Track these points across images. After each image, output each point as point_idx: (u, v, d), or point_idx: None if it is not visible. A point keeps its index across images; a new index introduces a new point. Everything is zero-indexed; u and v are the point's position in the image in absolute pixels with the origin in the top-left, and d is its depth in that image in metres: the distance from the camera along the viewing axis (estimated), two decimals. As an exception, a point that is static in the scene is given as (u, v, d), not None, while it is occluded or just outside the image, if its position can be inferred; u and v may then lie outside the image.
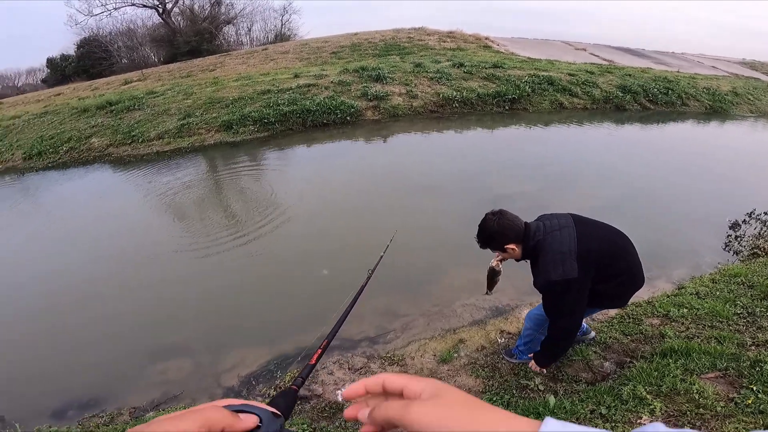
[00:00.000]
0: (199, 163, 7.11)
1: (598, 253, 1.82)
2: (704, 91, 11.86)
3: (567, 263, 1.74)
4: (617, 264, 1.89)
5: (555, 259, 1.77)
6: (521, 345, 2.58)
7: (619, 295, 2.01)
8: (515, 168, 6.35)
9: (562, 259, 1.75)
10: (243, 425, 0.40)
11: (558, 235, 1.81)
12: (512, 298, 3.41)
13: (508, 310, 3.29)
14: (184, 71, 14.45)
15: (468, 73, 10.49)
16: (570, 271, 1.73)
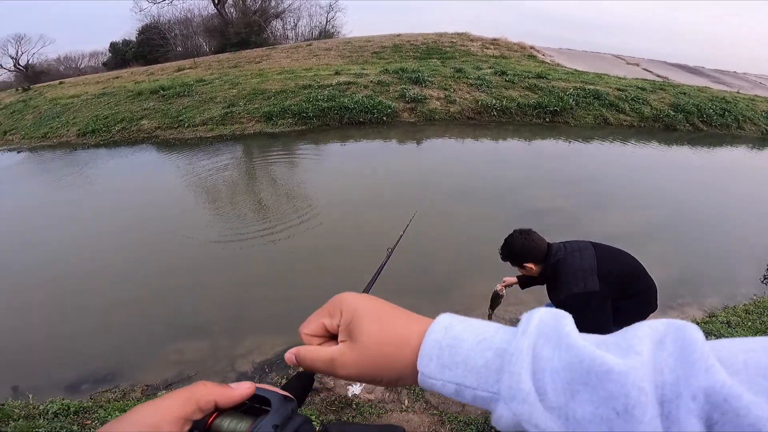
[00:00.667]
0: (239, 150, 7.45)
1: (619, 272, 1.88)
2: (763, 114, 11.01)
3: (588, 279, 1.79)
4: (638, 283, 1.95)
5: (576, 275, 1.81)
6: None
7: (639, 315, 2.01)
8: (550, 182, 6.19)
9: (584, 275, 1.81)
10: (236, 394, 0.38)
11: (578, 255, 1.88)
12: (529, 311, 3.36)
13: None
14: (232, 62, 15.07)
15: (510, 82, 10.28)
16: (592, 285, 1.78)
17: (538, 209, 5.19)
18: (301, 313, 1.61)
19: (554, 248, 1.92)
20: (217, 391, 0.36)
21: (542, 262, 1.91)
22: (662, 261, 4.24)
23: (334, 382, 2.55)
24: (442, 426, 2.33)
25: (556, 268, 1.87)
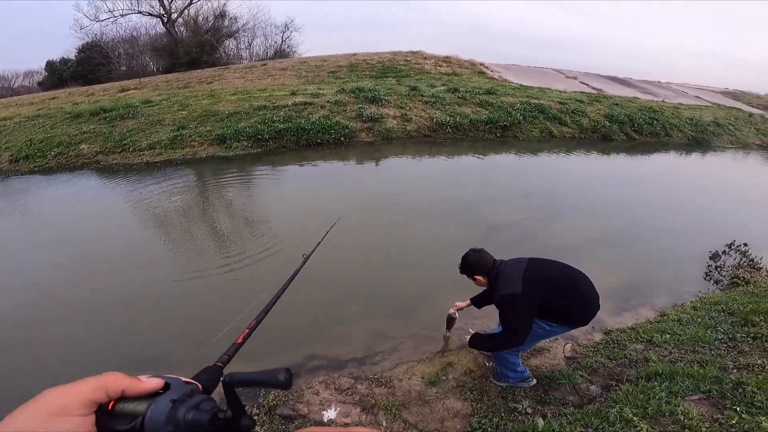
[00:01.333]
0: (191, 176, 7.10)
1: (544, 278, 2.25)
2: (687, 121, 12.28)
3: (515, 283, 2.19)
4: (563, 286, 2.27)
5: (506, 281, 2.23)
6: (501, 368, 2.65)
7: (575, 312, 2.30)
8: (505, 197, 6.46)
9: (512, 281, 2.21)
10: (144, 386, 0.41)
11: (513, 266, 2.31)
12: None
13: (495, 336, 3.34)
14: (182, 82, 14.53)
15: (462, 99, 10.72)
16: (515, 288, 2.17)
17: (496, 224, 5.40)
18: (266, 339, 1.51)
19: (497, 262, 2.37)
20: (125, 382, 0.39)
21: (488, 274, 2.35)
22: (613, 267, 4.54)
23: (307, 409, 2.47)
24: (423, 446, 2.29)
25: (496, 278, 2.31)
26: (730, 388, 2.29)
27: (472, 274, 2.39)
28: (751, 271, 4.58)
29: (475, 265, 2.36)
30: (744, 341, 2.93)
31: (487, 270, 2.34)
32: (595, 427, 2.10)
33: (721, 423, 2.02)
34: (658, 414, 2.12)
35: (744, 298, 3.75)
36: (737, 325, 3.19)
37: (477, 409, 2.51)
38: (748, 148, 12.27)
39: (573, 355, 3.02)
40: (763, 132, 13.40)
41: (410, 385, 2.75)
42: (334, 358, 3.01)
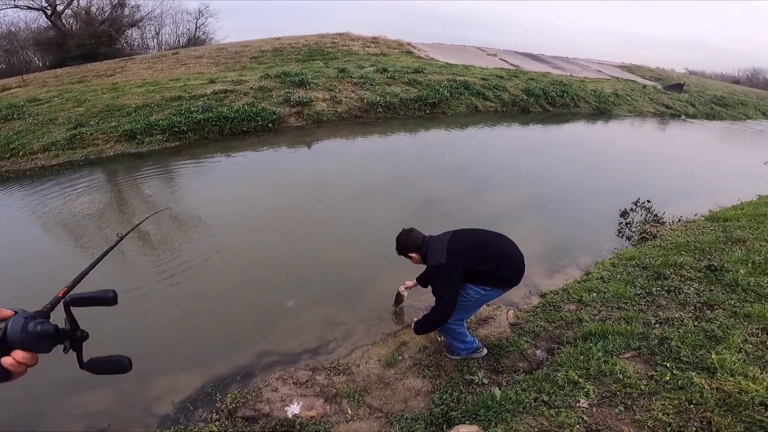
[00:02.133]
0: (99, 177, 6.27)
1: (466, 246, 2.41)
2: (592, 93, 13.61)
3: (439, 254, 2.36)
4: (485, 250, 2.43)
5: (433, 254, 2.41)
6: (451, 341, 2.72)
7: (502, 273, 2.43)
8: (437, 172, 6.66)
9: (437, 252, 2.38)
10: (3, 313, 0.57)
11: (438, 239, 2.49)
12: None
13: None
14: (75, 76, 12.75)
15: (391, 78, 10.81)
16: (441, 259, 2.33)
17: (430, 199, 5.54)
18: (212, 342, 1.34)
19: (426, 238, 2.53)
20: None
21: (419, 251, 2.51)
22: (540, 230, 4.85)
23: (269, 407, 2.36)
24: (391, 427, 2.27)
25: (426, 253, 2.48)
26: (657, 343, 2.50)
27: (405, 253, 2.56)
28: (656, 226, 5.08)
29: (406, 243, 2.53)
30: (660, 295, 3.21)
31: (418, 246, 2.50)
32: (548, 391, 2.20)
33: (656, 380, 2.18)
34: (599, 374, 2.27)
35: (653, 251, 4.13)
36: (651, 279, 3.49)
37: (437, 385, 2.55)
38: (644, 115, 13.94)
39: (516, 321, 3.19)
40: (655, 101, 15.30)
41: (368, 369, 2.72)
42: (287, 352, 2.89)
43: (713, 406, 1.92)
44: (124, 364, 0.78)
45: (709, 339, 2.47)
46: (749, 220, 4.79)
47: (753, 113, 18.31)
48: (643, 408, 1.99)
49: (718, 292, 3.08)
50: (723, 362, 2.19)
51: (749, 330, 2.54)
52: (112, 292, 0.74)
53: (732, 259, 3.59)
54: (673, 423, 1.87)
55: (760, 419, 1.82)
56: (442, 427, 2.17)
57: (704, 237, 4.33)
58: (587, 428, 1.92)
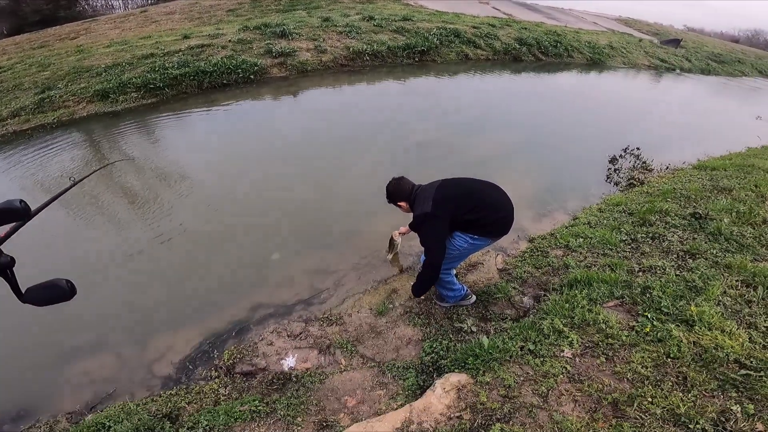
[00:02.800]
0: (75, 138, 6.00)
1: (453, 195, 2.39)
2: (586, 44, 13.14)
3: (426, 203, 2.35)
4: (473, 199, 2.40)
5: (419, 203, 2.40)
6: (440, 289, 2.73)
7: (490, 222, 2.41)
8: (427, 117, 6.49)
9: (424, 201, 2.37)
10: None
11: (426, 188, 2.47)
12: None
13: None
14: (36, 42, 11.98)
15: (378, 26, 10.29)
16: (426, 208, 2.32)
17: (419, 143, 5.44)
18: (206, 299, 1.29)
19: (415, 187, 2.51)
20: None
21: (408, 198, 2.50)
22: (529, 175, 4.84)
23: (265, 361, 2.41)
24: (383, 376, 2.34)
25: (414, 201, 2.47)
26: (639, 293, 2.52)
27: (395, 201, 2.56)
28: (644, 173, 5.11)
29: (395, 192, 2.53)
30: (644, 242, 3.23)
31: (407, 195, 2.50)
32: (533, 339, 2.24)
33: (637, 331, 2.22)
34: (583, 323, 2.30)
35: (640, 198, 4.14)
36: (637, 225, 3.50)
37: (427, 334, 2.59)
38: (638, 67, 13.58)
39: (504, 266, 3.19)
40: (651, 54, 14.86)
41: (360, 318, 2.75)
42: (281, 304, 2.91)
43: (689, 361, 1.98)
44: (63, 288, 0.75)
45: (690, 290, 2.51)
46: (737, 170, 4.82)
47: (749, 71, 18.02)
48: (623, 360, 2.06)
49: (701, 241, 3.13)
50: (702, 315, 2.24)
51: (729, 282, 2.59)
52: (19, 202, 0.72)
53: (717, 207, 3.63)
54: (650, 376, 1.93)
55: (733, 377, 1.88)
56: (432, 376, 2.25)
57: (691, 185, 4.35)
58: (570, 378, 2.00)
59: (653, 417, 1.74)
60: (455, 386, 2.01)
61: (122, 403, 2.23)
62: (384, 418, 1.91)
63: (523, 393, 1.93)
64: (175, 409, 2.15)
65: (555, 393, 1.92)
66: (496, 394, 1.95)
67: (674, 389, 1.86)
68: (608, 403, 1.84)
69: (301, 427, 2.03)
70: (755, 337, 2.12)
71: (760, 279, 2.57)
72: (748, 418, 1.69)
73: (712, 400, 1.80)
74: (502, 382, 1.99)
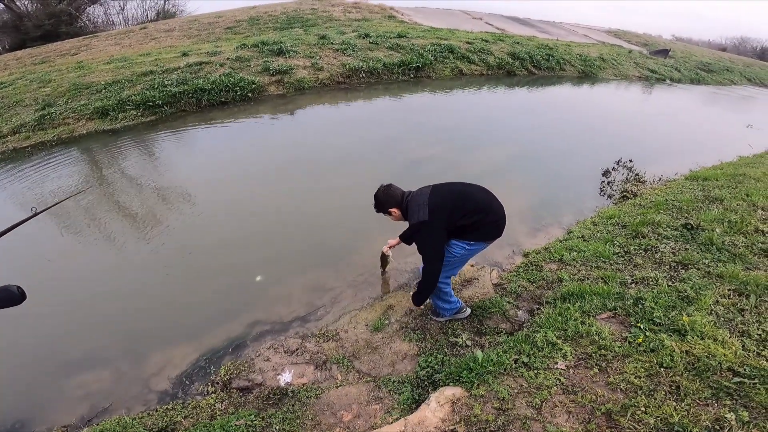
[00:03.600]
0: (74, 156, 6.07)
1: (447, 201, 2.36)
2: (577, 57, 13.41)
3: (421, 210, 2.31)
4: (467, 203, 2.40)
5: (414, 210, 2.35)
6: (436, 302, 2.74)
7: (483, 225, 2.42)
8: (422, 133, 6.59)
9: (418, 208, 2.33)
10: None
11: (418, 195, 2.42)
12: None
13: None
14: (37, 58, 12.20)
15: (374, 44, 10.50)
16: (423, 216, 2.30)
17: (415, 159, 5.51)
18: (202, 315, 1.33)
19: (406, 194, 2.46)
20: None
21: (399, 205, 2.44)
22: (524, 190, 4.88)
23: (262, 377, 2.41)
24: (379, 390, 2.35)
25: (407, 208, 2.41)
26: (632, 304, 2.54)
27: (385, 209, 2.49)
28: (637, 185, 5.15)
29: (386, 200, 2.46)
30: (637, 253, 3.26)
31: (398, 202, 2.44)
32: (527, 352, 2.25)
33: (629, 342, 2.23)
34: (576, 335, 2.32)
35: (633, 210, 4.18)
36: (629, 237, 3.53)
37: (422, 348, 2.60)
38: (629, 79, 13.83)
39: (499, 281, 3.22)
40: (641, 65, 15.15)
41: (356, 334, 2.76)
42: (277, 321, 2.93)
43: (682, 370, 1.99)
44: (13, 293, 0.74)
45: (682, 300, 2.53)
46: (728, 179, 4.88)
47: (738, 79, 18.31)
48: (616, 370, 2.07)
49: (693, 251, 3.17)
50: (694, 324, 2.25)
51: (721, 291, 2.61)
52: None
53: (708, 217, 3.67)
54: (644, 386, 1.94)
55: (726, 385, 1.88)
56: (427, 390, 2.26)
57: (683, 196, 4.40)
58: (564, 389, 2.00)
59: (647, 427, 1.74)
60: (450, 399, 2.02)
61: (118, 417, 2.23)
62: (379, 432, 1.91)
63: (517, 405, 1.94)
64: (171, 424, 2.14)
65: (549, 405, 1.93)
66: (491, 406, 1.96)
67: (667, 398, 1.86)
68: (602, 414, 1.84)
69: (297, 443, 2.02)
70: (748, 344, 2.13)
71: (753, 288, 2.59)
72: (743, 426, 1.69)
73: (705, 408, 1.80)
74: (496, 395, 2.00)
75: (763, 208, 3.82)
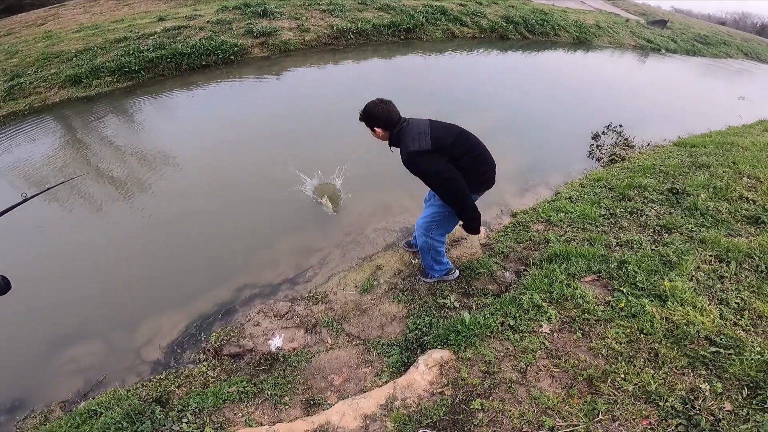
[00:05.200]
0: (49, 124, 5.81)
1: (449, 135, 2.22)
2: (573, 23, 13.02)
3: (422, 140, 2.12)
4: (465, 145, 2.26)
5: (413, 137, 2.14)
6: (427, 261, 2.72)
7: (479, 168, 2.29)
8: (411, 95, 6.44)
9: (419, 137, 2.14)
10: None
11: (416, 123, 2.23)
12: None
13: (417, 229, 3.45)
14: (2, 30, 11.47)
15: (363, 4, 10.06)
16: (424, 145, 2.11)
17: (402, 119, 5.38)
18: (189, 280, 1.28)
19: (402, 119, 2.24)
20: None
21: (390, 129, 2.23)
22: (513, 152, 4.85)
23: (252, 342, 2.43)
24: (368, 353, 2.39)
25: (400, 134, 2.20)
26: (615, 267, 2.56)
27: (372, 124, 2.25)
28: (625, 149, 5.17)
29: (379, 116, 2.21)
30: (623, 216, 3.28)
31: (392, 123, 2.22)
32: (513, 315, 2.28)
33: (612, 306, 2.26)
34: (561, 298, 2.35)
35: (620, 173, 4.20)
36: (616, 200, 3.55)
37: (411, 310, 2.62)
38: (624, 47, 13.52)
39: (487, 241, 3.23)
40: (637, 34, 14.78)
41: (345, 296, 2.77)
42: (266, 284, 2.92)
43: (661, 337, 2.05)
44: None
45: (664, 264, 2.58)
46: (716, 147, 4.90)
47: (735, 53, 18.00)
48: (598, 335, 2.13)
49: (677, 216, 3.21)
50: (674, 290, 2.30)
51: (703, 257, 2.66)
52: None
53: (694, 183, 3.70)
54: (624, 352, 2.00)
55: (702, 354, 1.94)
56: (416, 352, 2.31)
57: (670, 161, 4.43)
58: (548, 353, 2.06)
59: (625, 394, 1.81)
60: (438, 362, 2.07)
61: (113, 390, 2.26)
62: (369, 395, 1.96)
63: (502, 369, 2.00)
64: (164, 393, 2.17)
65: (533, 369, 1.99)
66: (477, 370, 2.01)
67: (646, 366, 1.93)
68: (583, 380, 1.91)
69: (289, 406, 2.07)
70: (726, 313, 2.19)
71: (734, 254, 2.65)
72: (716, 397, 1.74)
73: (682, 377, 1.87)
74: (483, 358, 2.06)
75: (749, 176, 3.86)
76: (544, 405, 1.79)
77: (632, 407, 1.75)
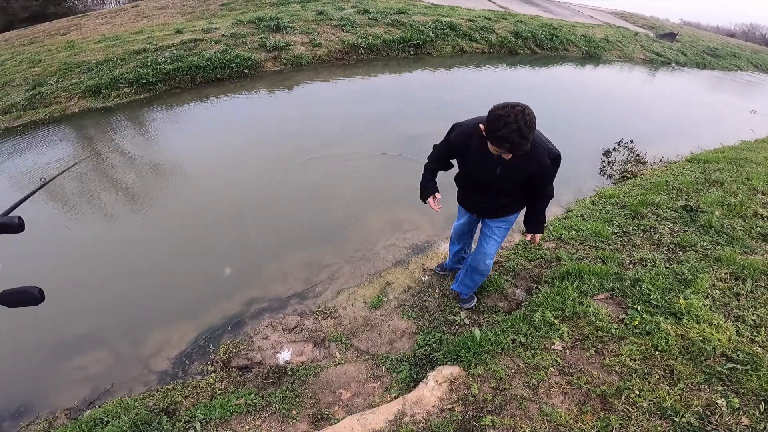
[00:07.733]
0: (67, 134, 5.98)
1: None
2: (582, 37, 13.10)
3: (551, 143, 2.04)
4: None
5: (545, 141, 2.04)
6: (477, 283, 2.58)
7: None
8: (421, 110, 6.50)
9: (548, 140, 2.05)
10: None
11: None
12: (429, 234, 3.57)
13: (427, 247, 3.44)
14: (26, 38, 11.88)
15: (373, 20, 10.23)
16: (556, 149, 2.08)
17: (411, 135, 5.41)
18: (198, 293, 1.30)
19: None
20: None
21: None
22: None
23: (261, 355, 2.42)
24: (377, 369, 2.37)
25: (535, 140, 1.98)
26: (629, 285, 2.53)
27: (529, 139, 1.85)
28: (637, 165, 5.13)
29: None
30: (636, 234, 3.25)
31: None
32: (525, 332, 2.26)
33: (626, 324, 2.23)
34: (574, 316, 2.32)
35: (633, 190, 4.16)
36: (629, 217, 3.52)
37: (420, 326, 2.60)
38: (633, 61, 13.55)
39: (498, 259, 3.19)
40: (646, 48, 14.81)
41: (355, 311, 2.76)
42: (275, 298, 2.92)
43: (677, 354, 2.01)
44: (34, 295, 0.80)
45: (679, 282, 2.54)
46: (729, 163, 4.85)
47: (745, 65, 17.94)
48: (612, 352, 2.09)
49: (691, 233, 3.16)
50: (690, 308, 2.26)
51: (718, 274, 2.61)
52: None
53: (708, 200, 3.65)
54: (638, 369, 1.96)
55: (719, 370, 1.90)
56: (425, 368, 2.28)
57: (683, 177, 4.38)
58: (560, 370, 2.02)
59: (640, 410, 1.77)
60: (447, 379, 2.04)
61: (120, 399, 2.25)
62: (377, 410, 1.94)
63: (513, 385, 1.97)
64: (172, 404, 2.17)
65: (545, 385, 1.95)
66: (488, 386, 1.98)
67: (661, 382, 1.89)
68: (597, 396, 1.87)
69: (296, 420, 2.05)
70: (742, 330, 2.15)
71: (749, 272, 2.60)
72: (733, 413, 1.71)
73: (698, 393, 1.82)
74: (494, 375, 2.03)
75: (763, 193, 3.80)
76: (557, 422, 1.76)
77: (647, 423, 1.71)
